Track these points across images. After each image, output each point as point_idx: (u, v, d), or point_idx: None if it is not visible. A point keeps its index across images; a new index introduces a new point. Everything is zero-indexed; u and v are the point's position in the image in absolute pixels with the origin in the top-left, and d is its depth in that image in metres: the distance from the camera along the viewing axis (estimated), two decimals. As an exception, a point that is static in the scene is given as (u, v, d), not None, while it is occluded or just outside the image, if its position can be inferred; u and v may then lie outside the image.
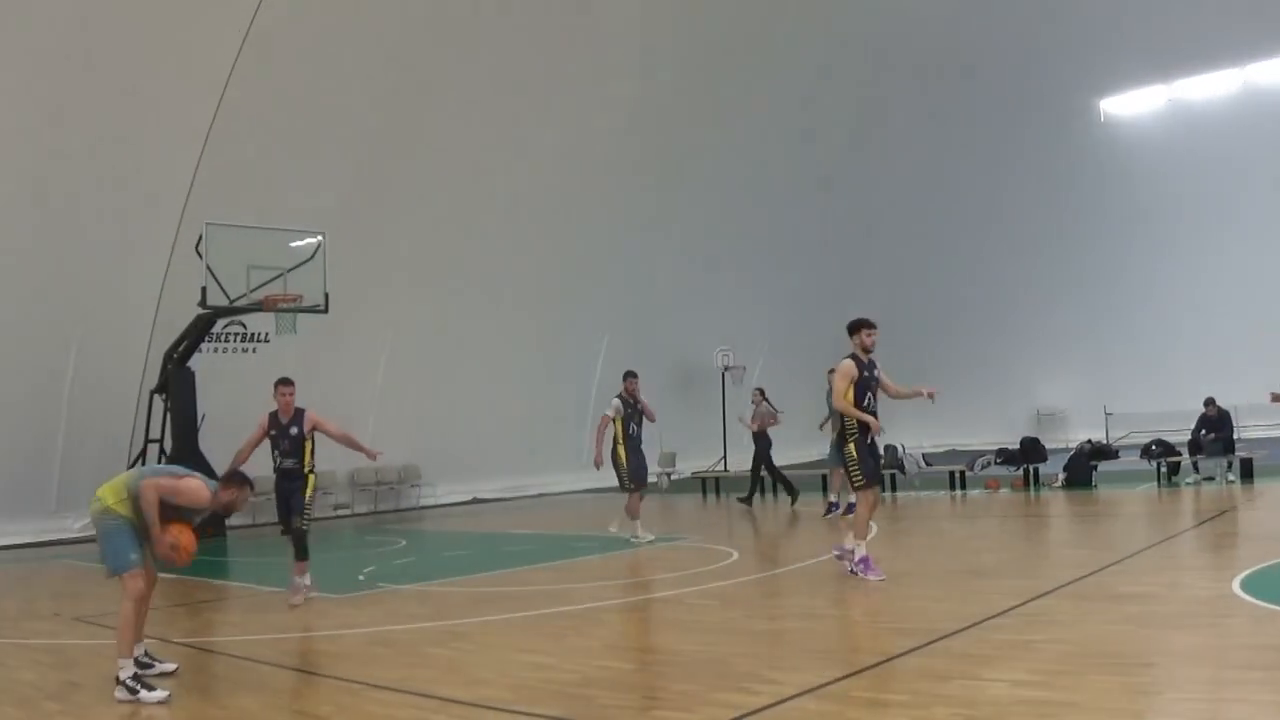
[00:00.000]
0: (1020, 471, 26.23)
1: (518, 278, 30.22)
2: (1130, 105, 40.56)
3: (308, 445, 14.24)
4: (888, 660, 8.91)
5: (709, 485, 29.75)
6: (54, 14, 20.99)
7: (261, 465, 13.69)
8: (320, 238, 23.59)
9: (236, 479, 10.03)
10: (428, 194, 27.53)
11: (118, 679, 9.09)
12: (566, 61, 28.66)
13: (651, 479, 32.21)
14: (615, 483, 19.73)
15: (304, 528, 14.08)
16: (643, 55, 30.11)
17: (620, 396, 18.99)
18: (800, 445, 33.17)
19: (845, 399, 13.19)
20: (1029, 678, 8.08)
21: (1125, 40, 36.55)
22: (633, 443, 18.99)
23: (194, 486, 9.73)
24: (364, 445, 14.09)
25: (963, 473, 26.76)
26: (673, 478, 32.73)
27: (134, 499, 9.53)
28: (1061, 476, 25.56)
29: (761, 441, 25.27)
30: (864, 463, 13.31)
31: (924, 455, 29.90)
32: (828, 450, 20.46)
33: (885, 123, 36.70)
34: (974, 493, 25.41)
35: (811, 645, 10.23)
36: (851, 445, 13.24)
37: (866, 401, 13.39)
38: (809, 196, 36.45)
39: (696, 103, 31.78)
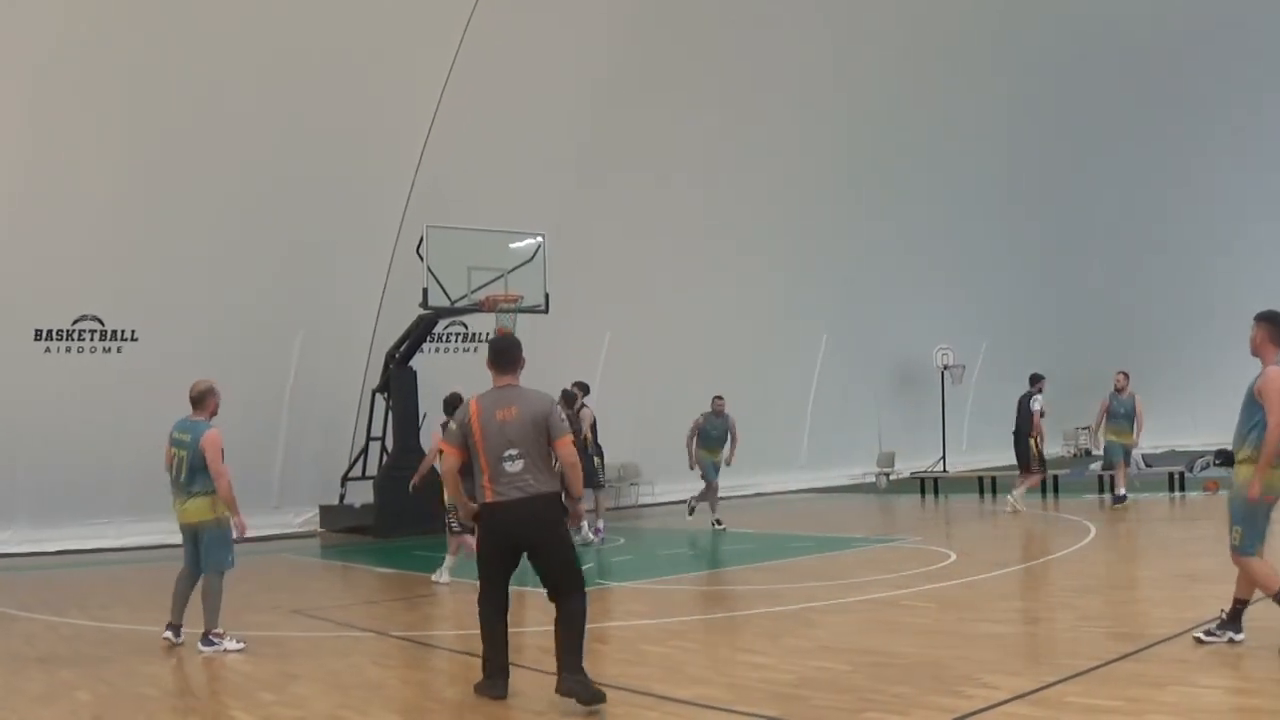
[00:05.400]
0: (1237, 473, 25.37)
1: (737, 277, 30.05)
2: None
3: None
4: (1103, 665, 8.77)
5: (928, 486, 29.36)
6: (288, 29, 21.60)
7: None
8: (540, 238, 23.77)
9: None
10: (645, 194, 27.51)
11: None
12: (785, 63, 28.45)
13: (869, 478, 32.12)
14: (831, 483, 19.62)
15: None
16: (863, 56, 29.77)
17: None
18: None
19: None
20: (1244, 685, 8.03)
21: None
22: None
23: None
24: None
25: (1182, 474, 25.88)
26: (891, 478, 32.40)
27: None
28: None
29: None
30: None
31: (1144, 456, 29.23)
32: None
33: (1109, 118, 35.70)
34: (1193, 494, 24.93)
35: (1027, 649, 10.24)
36: None
37: None
38: (1030, 195, 35.70)
39: (917, 103, 31.35)
